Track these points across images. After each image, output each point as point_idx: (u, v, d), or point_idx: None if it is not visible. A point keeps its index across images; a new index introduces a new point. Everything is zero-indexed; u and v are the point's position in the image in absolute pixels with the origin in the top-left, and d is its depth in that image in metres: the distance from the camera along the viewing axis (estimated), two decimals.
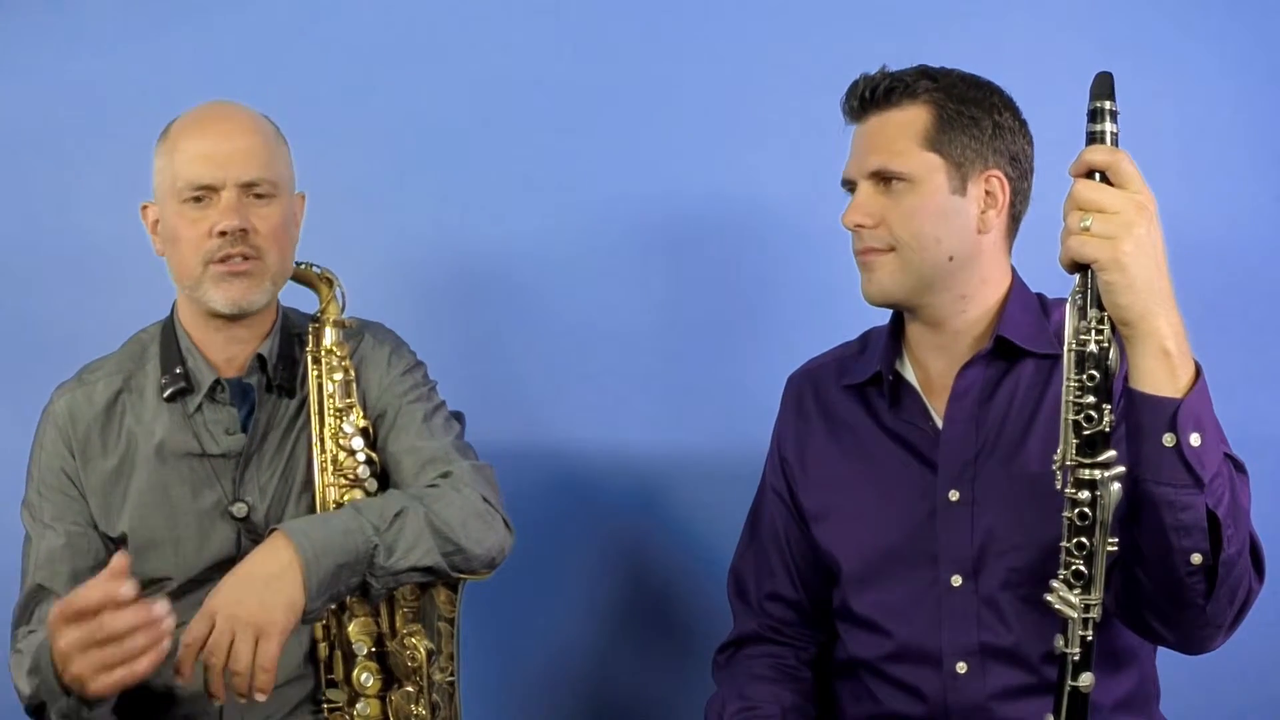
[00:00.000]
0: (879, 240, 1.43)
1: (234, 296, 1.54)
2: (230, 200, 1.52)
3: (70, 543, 1.56)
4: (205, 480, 1.58)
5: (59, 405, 1.60)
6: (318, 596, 1.42)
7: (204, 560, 1.57)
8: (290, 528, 1.44)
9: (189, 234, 1.53)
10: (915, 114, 1.42)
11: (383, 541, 1.46)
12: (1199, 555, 1.18)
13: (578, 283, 2.11)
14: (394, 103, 2.10)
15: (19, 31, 2.09)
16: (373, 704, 1.57)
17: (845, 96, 1.47)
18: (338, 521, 1.46)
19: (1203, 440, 1.16)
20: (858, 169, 1.45)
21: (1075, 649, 1.21)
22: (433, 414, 1.65)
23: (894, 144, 1.42)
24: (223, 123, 1.56)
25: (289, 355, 1.63)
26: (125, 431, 1.59)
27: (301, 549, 1.40)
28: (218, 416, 1.59)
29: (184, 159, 1.53)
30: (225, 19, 2.09)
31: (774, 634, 1.61)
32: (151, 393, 1.60)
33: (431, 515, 1.49)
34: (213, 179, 1.52)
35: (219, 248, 1.52)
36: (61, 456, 1.58)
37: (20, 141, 2.09)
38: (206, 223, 1.52)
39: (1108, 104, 1.17)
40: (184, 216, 1.53)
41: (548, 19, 2.10)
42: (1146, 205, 1.15)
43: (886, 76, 1.44)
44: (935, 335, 1.47)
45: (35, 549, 1.57)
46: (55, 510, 1.57)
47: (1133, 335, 1.16)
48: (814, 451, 1.58)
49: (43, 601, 1.55)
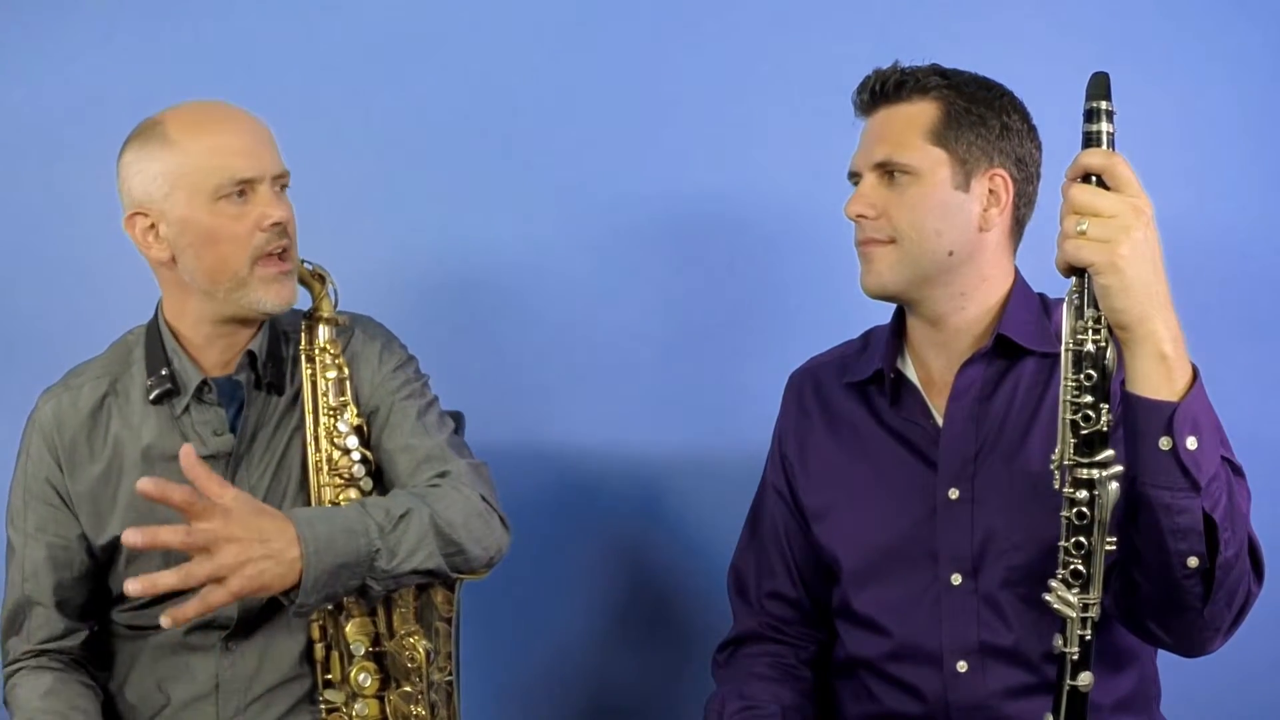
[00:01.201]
0: (880, 231, 1.43)
1: (286, 297, 1.53)
2: (270, 192, 1.51)
3: (51, 555, 1.56)
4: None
5: (45, 412, 1.58)
6: (312, 591, 1.39)
7: None
8: (298, 515, 1.41)
9: (233, 230, 1.49)
10: (923, 109, 1.43)
11: (385, 545, 1.44)
12: (1195, 559, 1.19)
13: (578, 283, 2.11)
14: (394, 102, 2.10)
15: (17, 32, 2.09)
16: (371, 704, 1.56)
17: (856, 90, 1.48)
18: (342, 519, 1.44)
19: (1199, 443, 1.16)
20: (864, 160, 1.46)
21: (1074, 648, 1.21)
22: (426, 410, 1.63)
23: (900, 136, 1.42)
24: (237, 118, 1.54)
25: (277, 352, 1.61)
26: (112, 436, 1.57)
27: (304, 540, 1.38)
28: (205, 417, 1.57)
29: (212, 155, 1.48)
30: (222, 20, 2.08)
31: (774, 633, 1.61)
32: (138, 396, 1.58)
33: (436, 516, 1.48)
34: (253, 172, 1.49)
35: (267, 241, 1.50)
36: (47, 465, 1.56)
37: (9, 143, 2.08)
38: (249, 218, 1.49)
39: (1104, 104, 1.17)
40: (224, 214, 1.49)
41: (548, 18, 2.10)
42: (1143, 209, 1.15)
43: (898, 71, 1.45)
44: (935, 332, 1.47)
45: (20, 558, 1.57)
46: (38, 520, 1.56)
47: (1130, 339, 1.16)
48: (814, 449, 1.58)
49: (31, 612, 1.56)
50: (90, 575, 1.58)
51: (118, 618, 1.60)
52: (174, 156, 1.49)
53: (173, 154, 1.49)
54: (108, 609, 1.61)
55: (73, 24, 2.08)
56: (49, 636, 1.57)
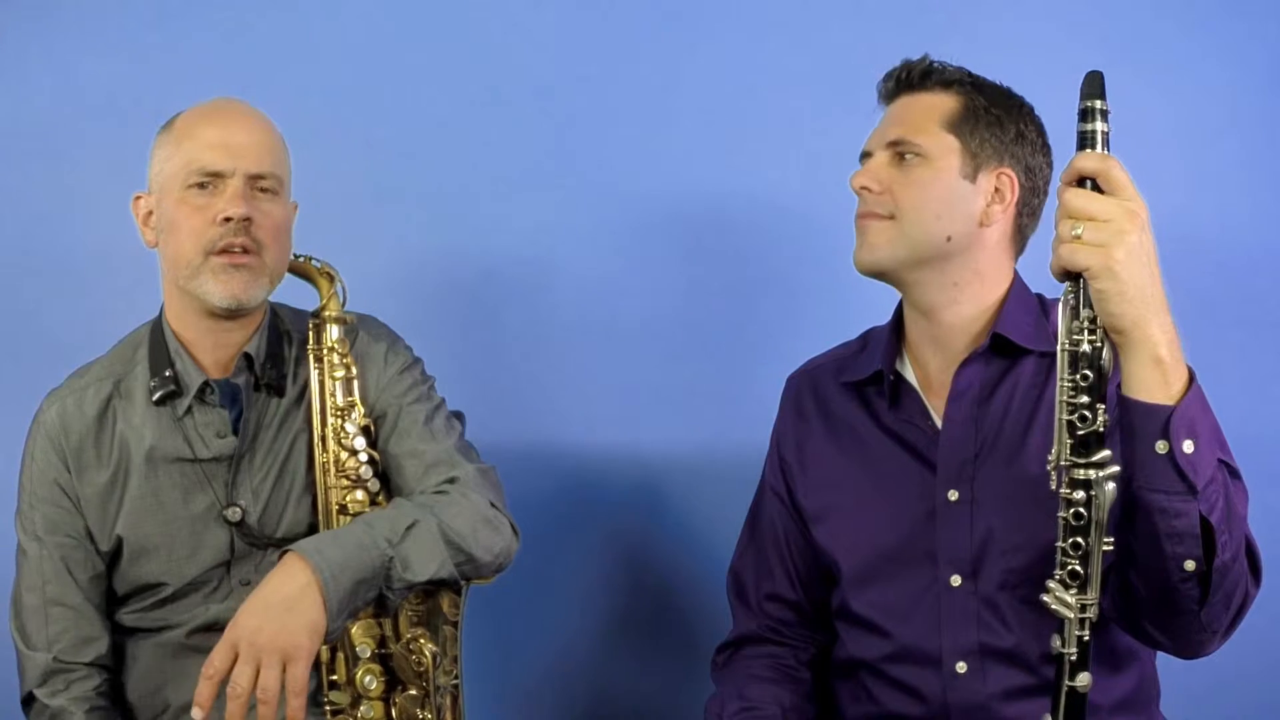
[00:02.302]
0: (881, 206, 1.44)
1: (234, 291, 1.50)
2: (237, 188, 1.50)
3: (65, 555, 1.55)
4: (197, 484, 1.57)
5: (50, 415, 1.58)
6: (338, 615, 1.39)
7: (197, 566, 1.56)
8: (303, 548, 1.41)
9: (191, 221, 1.50)
10: (944, 99, 1.44)
11: (397, 554, 1.44)
12: (1192, 562, 1.19)
13: (579, 283, 2.11)
14: (398, 101, 2.09)
15: (19, 32, 2.08)
16: (376, 706, 1.56)
17: (883, 79, 1.50)
18: (350, 537, 1.44)
19: (1196, 447, 1.16)
20: (877, 140, 1.47)
21: (1072, 649, 1.21)
22: (434, 414, 1.63)
23: (917, 120, 1.44)
24: (236, 115, 1.55)
25: (277, 353, 1.61)
26: (118, 438, 1.57)
27: (318, 568, 1.37)
28: (208, 419, 1.57)
29: (194, 146, 1.51)
30: (223, 19, 2.08)
31: (773, 634, 1.61)
32: (141, 396, 1.57)
33: (443, 526, 1.48)
34: (222, 166, 1.50)
35: (221, 236, 1.49)
36: (55, 468, 1.56)
37: (11, 142, 2.08)
38: (211, 210, 1.49)
39: (1098, 103, 1.16)
40: (187, 203, 1.50)
41: (554, 16, 2.10)
42: (1138, 212, 1.15)
43: (927, 62, 1.47)
44: (930, 326, 1.47)
45: (32, 564, 1.56)
46: (47, 523, 1.56)
47: (1125, 343, 1.16)
48: (813, 451, 1.58)
49: (50, 614, 1.55)
50: (100, 577, 1.58)
51: (122, 618, 1.60)
52: (171, 145, 1.54)
53: (172, 143, 1.54)
54: (114, 609, 1.60)
55: (76, 25, 2.08)
56: (76, 641, 1.56)
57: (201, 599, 1.57)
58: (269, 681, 1.31)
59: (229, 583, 1.58)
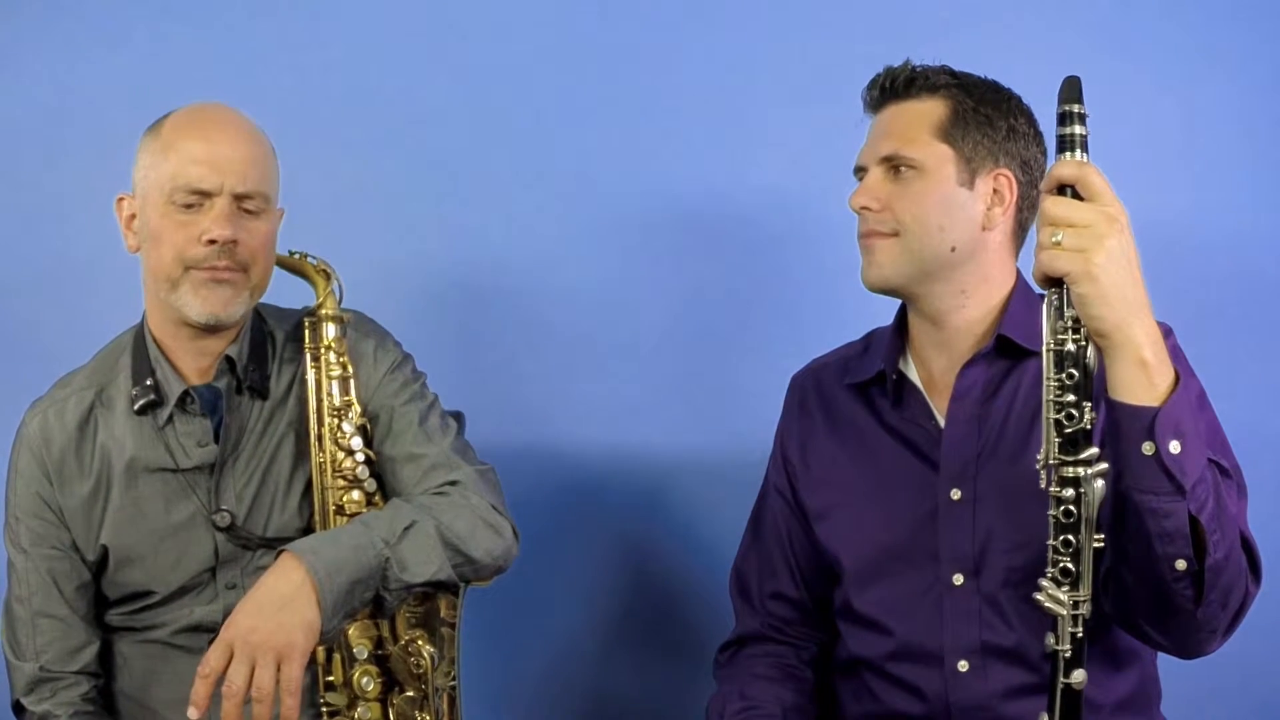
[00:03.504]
0: (883, 224, 1.44)
1: (212, 307, 1.49)
2: (223, 209, 1.48)
3: (51, 566, 1.56)
4: (179, 493, 1.56)
5: (32, 427, 1.58)
6: (333, 615, 1.39)
7: (182, 573, 1.56)
8: (299, 547, 1.41)
9: (174, 238, 1.48)
10: (932, 106, 1.44)
11: (394, 555, 1.44)
12: (1183, 561, 1.18)
13: (579, 283, 2.11)
14: (397, 101, 2.09)
15: (13, 32, 2.09)
16: (373, 707, 1.56)
17: (866, 88, 1.50)
18: (347, 537, 1.44)
19: (1183, 447, 1.16)
20: (870, 154, 1.47)
21: (1066, 646, 1.21)
22: (428, 414, 1.61)
23: (907, 132, 1.43)
24: (223, 128, 1.52)
25: (260, 355, 1.60)
26: (99, 449, 1.56)
27: (313, 568, 1.38)
28: (189, 428, 1.56)
29: (180, 160, 1.48)
30: (223, 20, 2.08)
31: (776, 633, 1.62)
32: (123, 405, 1.56)
33: (442, 528, 1.48)
34: (209, 185, 1.47)
35: (205, 257, 1.47)
36: (37, 480, 1.56)
37: (5, 145, 2.08)
38: (195, 228, 1.47)
39: (1076, 107, 1.17)
40: (171, 219, 1.48)
41: (553, 16, 2.10)
42: (1117, 217, 1.15)
43: (909, 69, 1.47)
44: (936, 331, 1.47)
45: (19, 576, 1.57)
46: (31, 535, 1.56)
47: (1109, 346, 1.16)
48: (816, 450, 1.58)
49: (39, 626, 1.56)
50: (87, 586, 1.59)
51: (110, 618, 1.61)
52: (157, 153, 1.51)
53: (157, 149, 1.51)
54: (103, 611, 1.61)
55: (71, 25, 2.08)
56: (62, 652, 1.56)
57: (188, 603, 1.58)
58: (263, 680, 1.31)
59: (214, 586, 1.58)
